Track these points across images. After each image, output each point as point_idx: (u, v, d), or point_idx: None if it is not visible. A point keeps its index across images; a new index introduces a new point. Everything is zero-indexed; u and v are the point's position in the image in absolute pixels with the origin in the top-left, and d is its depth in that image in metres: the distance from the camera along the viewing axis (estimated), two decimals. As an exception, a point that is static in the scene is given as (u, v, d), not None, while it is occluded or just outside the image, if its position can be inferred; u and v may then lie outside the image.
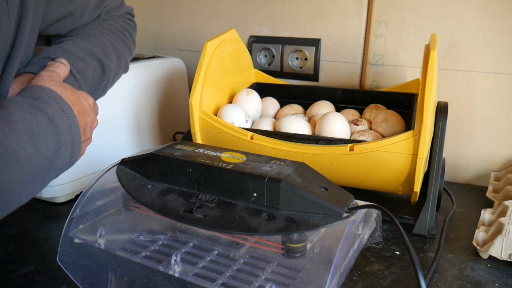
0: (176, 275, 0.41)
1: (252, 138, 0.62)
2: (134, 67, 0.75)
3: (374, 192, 0.68)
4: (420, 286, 0.36)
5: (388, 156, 0.57)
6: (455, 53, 0.75)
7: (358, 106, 0.74)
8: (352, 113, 0.72)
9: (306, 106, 0.74)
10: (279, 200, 0.41)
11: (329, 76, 0.87)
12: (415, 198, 0.60)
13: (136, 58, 0.81)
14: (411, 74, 0.80)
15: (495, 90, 0.74)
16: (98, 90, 0.61)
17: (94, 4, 0.63)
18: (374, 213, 0.46)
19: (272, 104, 0.76)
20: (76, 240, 0.47)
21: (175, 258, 0.41)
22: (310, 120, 0.70)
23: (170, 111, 0.87)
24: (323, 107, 0.72)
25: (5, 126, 0.40)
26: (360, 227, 0.44)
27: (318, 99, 0.74)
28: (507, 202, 0.59)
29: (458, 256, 0.55)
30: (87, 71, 0.57)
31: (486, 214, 0.61)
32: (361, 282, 0.50)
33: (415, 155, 0.55)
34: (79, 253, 0.48)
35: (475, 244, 0.54)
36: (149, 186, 0.47)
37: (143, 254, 0.44)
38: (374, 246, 0.57)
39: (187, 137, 0.69)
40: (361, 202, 0.42)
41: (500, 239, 0.52)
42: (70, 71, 0.55)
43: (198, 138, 0.67)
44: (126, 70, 0.70)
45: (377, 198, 0.69)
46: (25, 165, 0.41)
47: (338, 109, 0.73)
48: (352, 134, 0.64)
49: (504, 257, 0.51)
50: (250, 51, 0.91)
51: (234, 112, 0.67)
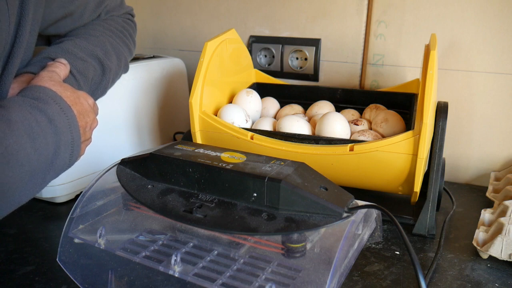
0: (176, 275, 0.41)
1: (252, 138, 0.62)
2: (134, 67, 0.75)
3: (374, 192, 0.68)
4: (420, 286, 0.36)
5: (388, 156, 0.57)
6: (455, 53, 0.75)
7: (358, 106, 0.74)
8: (352, 113, 0.72)
9: (306, 106, 0.74)
10: (279, 200, 0.41)
11: (329, 76, 0.87)
12: (415, 198, 0.60)
13: (136, 58, 0.81)
14: (411, 74, 0.80)
15: (495, 90, 0.74)
16: (98, 90, 0.61)
17: (94, 4, 0.63)
18: (374, 213, 0.46)
19: (272, 104, 0.76)
20: (76, 240, 0.47)
21: (175, 258, 0.41)
22: (310, 120, 0.70)
23: (170, 111, 0.87)
24: (323, 107, 0.72)
25: (5, 126, 0.40)
26: (360, 227, 0.44)
27: (318, 99, 0.74)
28: (507, 202, 0.59)
29: (458, 256, 0.55)
30: (87, 71, 0.57)
31: (486, 214, 0.61)
32: (361, 282, 0.50)
33: (415, 155, 0.55)
34: (79, 253, 0.48)
35: (475, 244, 0.54)
36: (149, 186, 0.47)
37: (143, 254, 0.44)
38: (374, 246, 0.57)
39: (187, 137, 0.69)
40: (361, 202, 0.42)
41: (500, 239, 0.52)
42: (70, 71, 0.55)
43: (198, 138, 0.67)
44: (126, 70, 0.70)
45: (377, 198, 0.69)
46: (25, 165, 0.41)
47: (338, 109, 0.73)
48: (352, 134, 0.64)
49: (504, 257, 0.51)
50: (250, 51, 0.91)
51: (234, 112, 0.67)
